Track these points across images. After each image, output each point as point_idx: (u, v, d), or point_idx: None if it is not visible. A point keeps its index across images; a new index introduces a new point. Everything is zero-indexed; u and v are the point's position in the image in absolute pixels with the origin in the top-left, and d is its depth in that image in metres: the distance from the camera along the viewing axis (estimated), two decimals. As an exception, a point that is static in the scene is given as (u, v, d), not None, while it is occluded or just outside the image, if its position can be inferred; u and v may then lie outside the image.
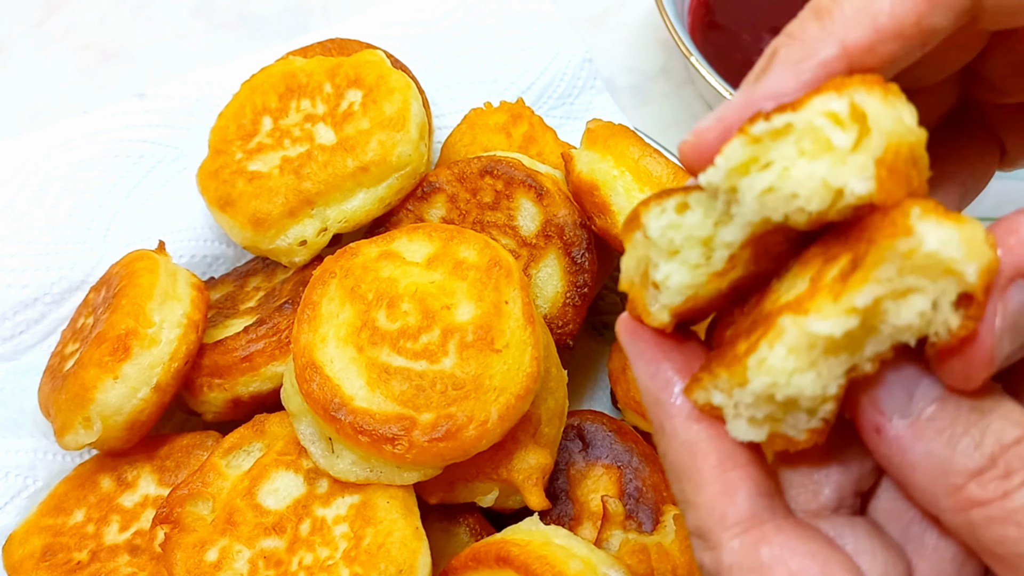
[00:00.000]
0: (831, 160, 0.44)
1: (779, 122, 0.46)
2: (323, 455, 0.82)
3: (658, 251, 0.50)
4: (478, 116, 1.12)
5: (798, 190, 0.45)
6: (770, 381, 0.46)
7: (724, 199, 0.48)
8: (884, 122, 0.45)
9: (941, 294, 0.44)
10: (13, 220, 1.10)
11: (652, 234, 0.50)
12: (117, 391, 0.86)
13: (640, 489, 0.92)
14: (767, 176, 0.46)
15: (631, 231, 0.51)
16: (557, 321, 0.96)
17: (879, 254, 0.43)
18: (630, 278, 0.52)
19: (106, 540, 0.88)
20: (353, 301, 0.85)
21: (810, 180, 0.45)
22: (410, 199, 1.00)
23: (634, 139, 0.95)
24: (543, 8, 1.29)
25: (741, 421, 0.49)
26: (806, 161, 0.45)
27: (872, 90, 0.46)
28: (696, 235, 0.49)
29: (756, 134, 0.46)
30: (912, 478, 0.47)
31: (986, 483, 0.44)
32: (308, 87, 1.04)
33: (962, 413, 0.46)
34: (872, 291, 0.43)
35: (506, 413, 0.80)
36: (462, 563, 0.80)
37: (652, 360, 0.52)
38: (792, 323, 0.45)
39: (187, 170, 1.15)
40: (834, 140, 0.44)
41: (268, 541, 0.80)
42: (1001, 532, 0.44)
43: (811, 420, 0.48)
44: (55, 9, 1.40)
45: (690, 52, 1.15)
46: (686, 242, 0.49)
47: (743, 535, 0.48)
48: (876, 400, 0.47)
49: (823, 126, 0.45)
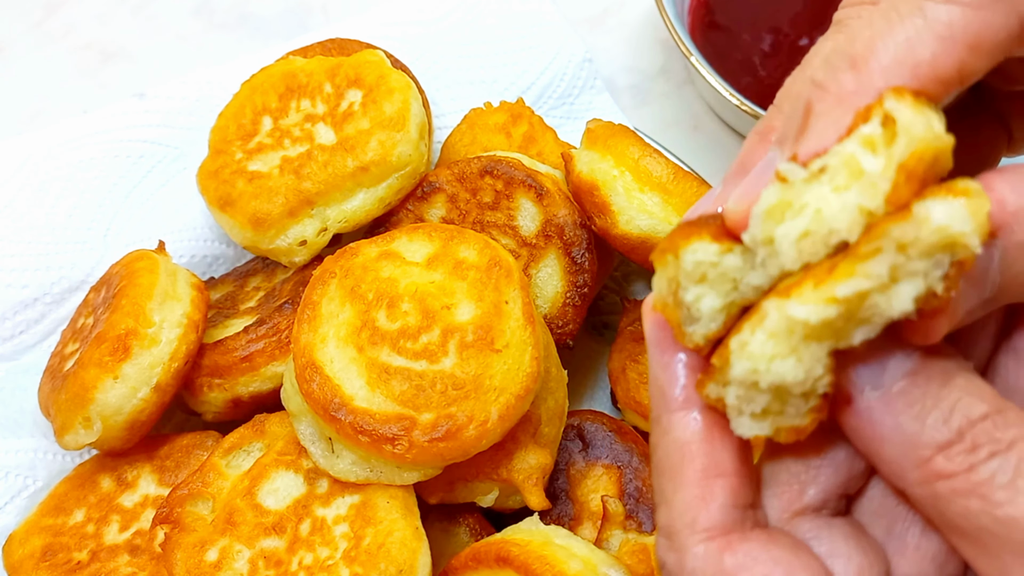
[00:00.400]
0: (862, 185, 0.44)
1: (816, 165, 0.45)
2: (323, 455, 0.82)
3: (687, 275, 0.49)
4: (478, 116, 1.12)
5: (835, 225, 0.44)
6: (750, 367, 0.46)
7: (763, 252, 0.47)
8: (915, 128, 0.44)
9: (935, 267, 0.44)
10: (13, 220, 1.10)
11: (685, 267, 0.49)
12: (117, 391, 0.86)
13: (640, 489, 0.92)
14: (801, 221, 0.45)
15: (664, 255, 0.50)
16: (557, 321, 0.96)
17: (873, 242, 0.43)
18: (663, 298, 0.51)
19: (106, 540, 0.88)
20: (353, 301, 0.85)
21: (844, 212, 0.44)
22: (410, 199, 1.00)
23: (634, 139, 0.95)
24: (543, 8, 1.29)
25: (744, 418, 0.48)
26: (837, 195, 0.44)
27: (903, 97, 0.45)
28: (730, 275, 0.48)
29: (789, 178, 0.46)
30: (881, 451, 0.47)
31: (953, 456, 0.45)
32: (308, 87, 1.04)
33: (932, 388, 0.46)
34: (856, 284, 0.43)
35: (506, 413, 0.80)
36: (462, 563, 0.80)
37: (668, 350, 0.51)
38: (774, 307, 0.45)
39: (187, 170, 1.15)
40: (865, 166, 0.44)
41: (268, 541, 0.80)
42: (965, 504, 0.44)
43: (809, 401, 0.47)
44: (55, 9, 1.40)
45: (690, 52, 1.15)
46: (718, 278, 0.48)
47: (708, 542, 0.48)
48: (848, 372, 0.47)
49: (855, 153, 0.44)
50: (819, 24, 1.30)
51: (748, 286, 0.48)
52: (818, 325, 0.44)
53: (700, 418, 0.50)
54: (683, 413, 0.50)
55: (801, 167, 0.46)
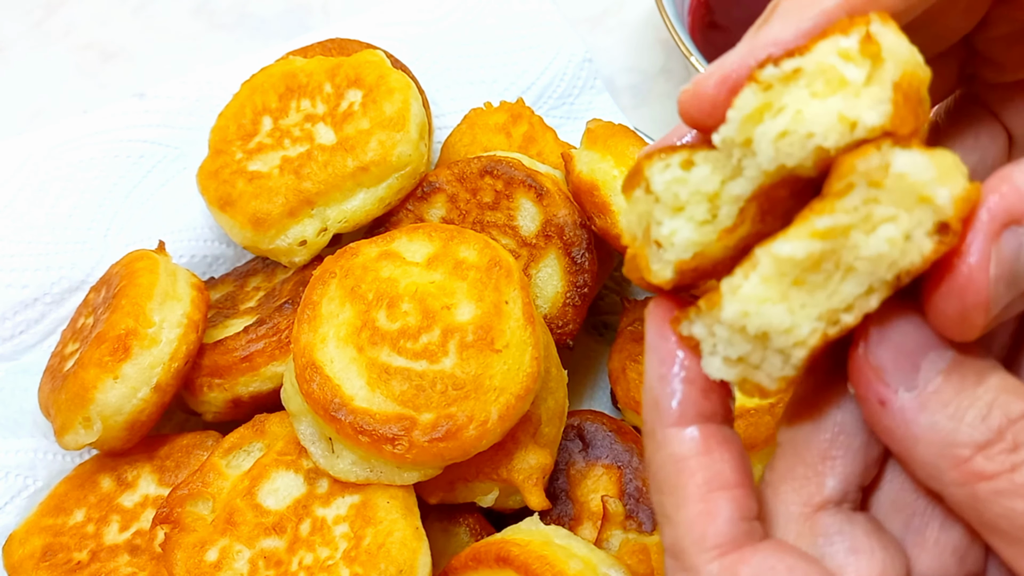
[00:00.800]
0: (845, 94, 0.44)
1: (788, 67, 0.45)
2: (323, 455, 0.82)
3: (663, 208, 0.49)
4: (478, 116, 1.12)
5: (813, 128, 0.44)
6: (741, 309, 0.46)
7: (737, 153, 0.47)
8: (900, 51, 0.45)
9: (916, 225, 0.44)
10: (13, 220, 1.10)
11: (656, 189, 0.48)
12: (117, 391, 0.86)
13: (640, 489, 0.92)
14: (780, 120, 0.45)
15: (632, 187, 0.50)
16: (557, 321, 0.96)
17: (844, 179, 0.43)
18: (633, 234, 0.51)
19: (106, 540, 0.88)
20: (353, 301, 0.85)
21: (825, 116, 0.44)
22: (410, 199, 1.00)
23: (634, 139, 0.95)
24: (543, 8, 1.29)
25: (716, 358, 0.48)
26: (819, 100, 0.45)
27: (887, 21, 0.45)
28: (703, 191, 0.48)
29: (766, 80, 0.46)
30: (915, 451, 0.46)
31: (993, 456, 0.44)
32: (308, 87, 1.04)
33: (967, 387, 0.46)
34: (835, 219, 0.44)
35: (506, 413, 0.80)
36: (462, 563, 0.80)
37: (666, 361, 0.51)
38: (764, 252, 0.45)
39: (187, 170, 1.15)
40: (847, 75, 0.44)
41: (268, 541, 0.80)
42: (1009, 505, 0.43)
43: (784, 366, 0.47)
44: (55, 9, 1.40)
45: (690, 52, 1.15)
46: (692, 198, 0.48)
47: (722, 558, 0.47)
48: (881, 372, 0.47)
49: (835, 64, 0.45)
50: (819, 24, 1.29)
51: (729, 198, 0.48)
52: (805, 262, 0.44)
53: (697, 431, 0.49)
54: (678, 428, 0.49)
55: (775, 67, 0.46)
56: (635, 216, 0.51)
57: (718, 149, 0.48)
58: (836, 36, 0.45)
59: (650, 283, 0.51)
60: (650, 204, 0.49)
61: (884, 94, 0.44)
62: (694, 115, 0.50)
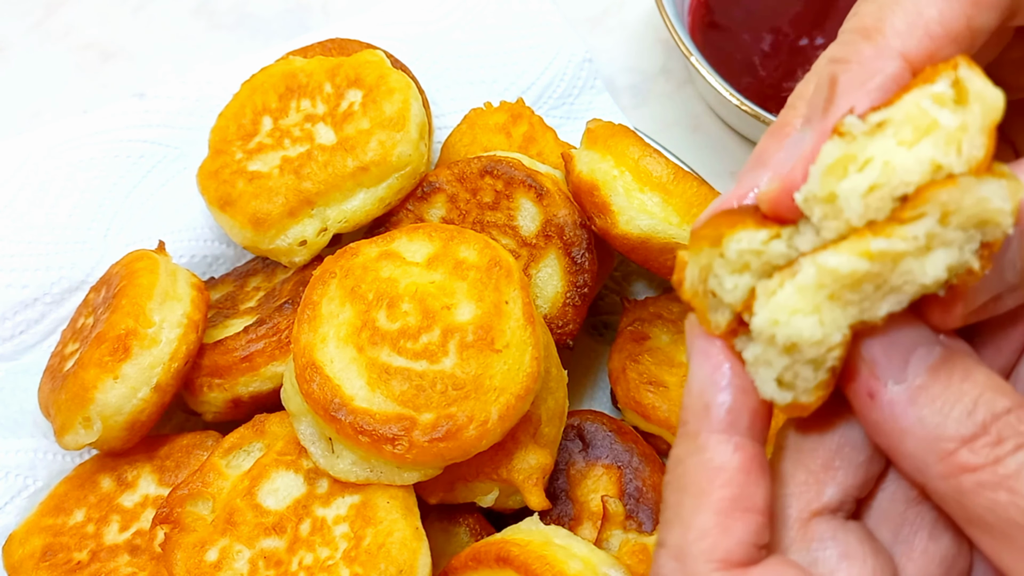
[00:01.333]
0: (935, 139, 0.44)
1: (875, 119, 0.45)
2: (323, 455, 0.82)
3: (727, 264, 0.48)
4: (478, 116, 1.12)
5: (907, 178, 0.44)
6: (770, 317, 0.45)
7: (819, 210, 0.46)
8: (987, 94, 0.45)
9: (968, 242, 0.44)
10: (13, 220, 1.10)
11: (729, 255, 0.48)
12: (117, 391, 0.86)
13: (640, 489, 0.92)
14: (869, 174, 0.44)
15: (700, 243, 0.49)
16: (557, 321, 0.96)
17: (917, 207, 0.43)
18: (694, 288, 0.51)
19: (106, 540, 0.88)
20: (353, 301, 0.85)
21: (917, 165, 0.44)
22: (410, 199, 1.00)
23: (634, 139, 0.95)
24: (543, 8, 1.29)
25: (770, 380, 0.48)
26: (907, 149, 0.44)
27: (972, 66, 0.45)
28: (774, 262, 0.48)
29: (849, 131, 0.45)
30: (902, 445, 0.47)
31: (978, 449, 0.45)
32: (308, 87, 1.04)
33: (954, 382, 0.47)
34: (893, 243, 0.43)
35: (506, 413, 0.80)
36: (462, 563, 0.80)
37: (717, 364, 0.50)
38: (809, 262, 0.45)
39: (187, 170, 1.15)
40: (941, 120, 0.44)
41: (268, 541, 0.80)
42: (992, 497, 0.44)
43: (817, 373, 0.47)
44: (55, 9, 1.40)
45: (690, 52, 1.15)
46: (760, 266, 0.48)
47: (723, 571, 0.47)
48: (872, 365, 0.48)
49: (928, 109, 0.44)
50: (819, 24, 1.30)
51: (789, 257, 0.47)
52: (848, 279, 0.44)
53: (742, 446, 0.49)
54: (725, 436, 0.49)
55: (859, 120, 0.45)
56: (696, 270, 0.50)
57: (797, 227, 0.47)
58: (924, 86, 0.45)
59: (711, 333, 0.50)
60: (712, 256, 0.49)
61: (978, 139, 0.44)
62: (777, 201, 0.48)
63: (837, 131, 0.46)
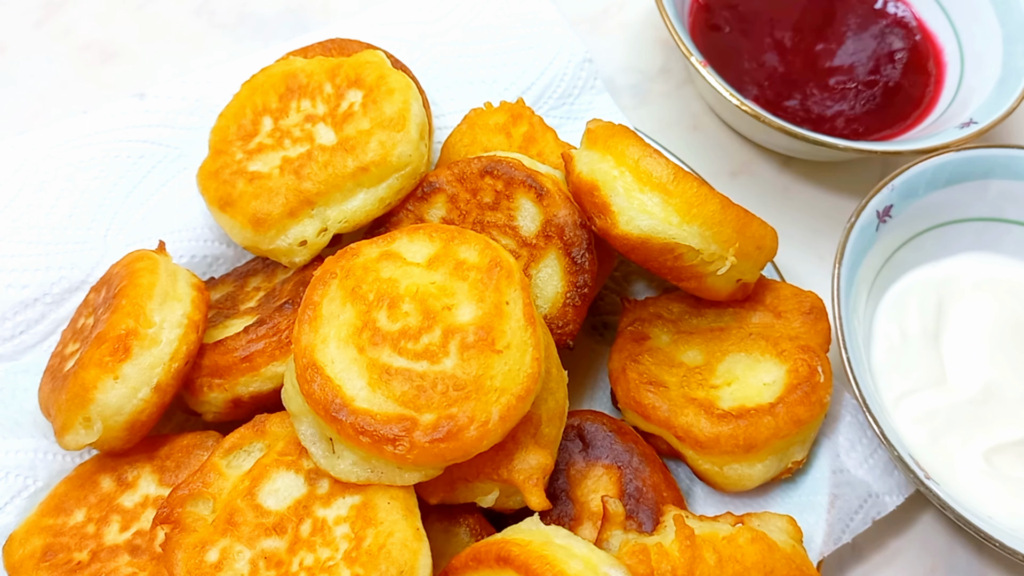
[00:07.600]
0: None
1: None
2: (324, 455, 0.82)
3: None
4: (478, 116, 1.12)
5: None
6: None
7: None
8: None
9: None
10: (13, 220, 1.10)
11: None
12: (117, 391, 0.86)
13: (640, 489, 0.92)
14: None
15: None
16: (557, 321, 0.96)
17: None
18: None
19: (106, 540, 0.88)
20: (354, 302, 0.85)
21: None
22: (410, 199, 1.00)
23: (634, 139, 0.95)
24: (543, 8, 1.29)
25: None
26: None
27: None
28: None
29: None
30: None
31: None
32: (308, 87, 1.04)
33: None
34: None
35: (507, 414, 0.80)
36: (462, 563, 0.80)
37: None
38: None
39: (187, 170, 1.15)
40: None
41: (269, 542, 0.80)
42: None
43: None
44: (55, 9, 1.40)
45: (690, 52, 1.15)
46: None
47: None
48: None
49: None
50: (818, 25, 1.30)
51: None
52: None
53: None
54: None
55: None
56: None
57: None
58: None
59: None
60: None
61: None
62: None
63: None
